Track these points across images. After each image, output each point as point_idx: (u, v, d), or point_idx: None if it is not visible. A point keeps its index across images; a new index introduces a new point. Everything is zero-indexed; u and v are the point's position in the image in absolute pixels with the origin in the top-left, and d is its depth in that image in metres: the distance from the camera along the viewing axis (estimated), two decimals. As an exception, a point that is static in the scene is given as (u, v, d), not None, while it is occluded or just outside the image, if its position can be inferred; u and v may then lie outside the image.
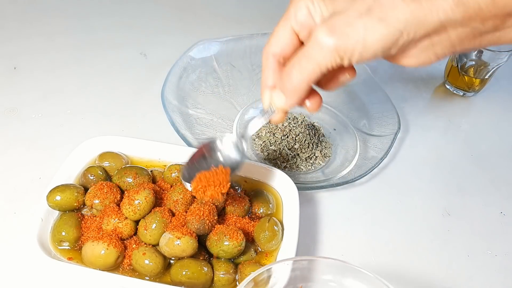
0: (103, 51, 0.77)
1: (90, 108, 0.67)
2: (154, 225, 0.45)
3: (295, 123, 0.65)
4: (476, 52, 0.71)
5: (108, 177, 0.52)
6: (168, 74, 0.65)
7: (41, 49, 0.76)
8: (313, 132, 0.65)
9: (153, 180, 0.52)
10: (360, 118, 0.69)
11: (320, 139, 0.65)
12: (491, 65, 0.72)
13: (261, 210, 0.51)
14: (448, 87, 0.79)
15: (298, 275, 0.40)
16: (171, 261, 0.46)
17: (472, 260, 0.55)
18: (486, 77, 0.74)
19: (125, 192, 0.48)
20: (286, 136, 0.63)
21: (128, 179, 0.50)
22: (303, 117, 0.67)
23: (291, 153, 0.62)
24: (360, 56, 0.33)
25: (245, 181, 0.55)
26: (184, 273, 0.44)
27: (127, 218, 0.46)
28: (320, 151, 0.64)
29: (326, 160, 0.64)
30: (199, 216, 0.45)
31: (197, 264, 0.45)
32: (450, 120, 0.74)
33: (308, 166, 0.62)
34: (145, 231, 0.45)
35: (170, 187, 0.51)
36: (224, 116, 0.67)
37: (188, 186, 0.44)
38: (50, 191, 0.47)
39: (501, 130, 0.74)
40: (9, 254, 0.49)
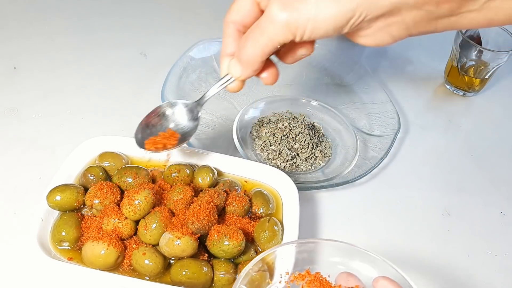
0: (103, 51, 0.77)
1: (90, 108, 0.67)
2: (154, 225, 0.45)
3: (295, 123, 0.65)
4: (476, 52, 0.71)
5: (108, 177, 0.52)
6: (168, 74, 0.65)
7: (41, 49, 0.76)
8: (313, 132, 0.65)
9: (153, 180, 0.52)
10: (360, 118, 0.69)
11: (320, 139, 0.65)
12: (491, 65, 0.72)
13: (261, 210, 0.51)
14: (448, 87, 0.79)
15: (306, 257, 0.40)
16: (171, 261, 0.46)
17: (472, 260, 0.55)
18: (486, 77, 0.74)
19: (125, 192, 0.48)
20: (286, 136, 0.63)
21: (128, 179, 0.50)
22: (303, 117, 0.67)
23: (291, 153, 0.62)
24: (312, 33, 0.33)
25: (245, 181, 0.55)
26: (184, 273, 0.44)
27: (127, 218, 0.46)
28: (320, 151, 0.64)
29: (326, 160, 0.64)
30: (199, 216, 0.45)
31: (197, 264, 0.45)
32: (450, 120, 0.74)
33: (308, 166, 0.62)
34: (145, 231, 0.45)
35: (170, 187, 0.51)
36: (224, 116, 0.67)
37: (142, 150, 0.47)
38: (50, 191, 0.47)
39: (501, 130, 0.74)
40: (9, 254, 0.49)
